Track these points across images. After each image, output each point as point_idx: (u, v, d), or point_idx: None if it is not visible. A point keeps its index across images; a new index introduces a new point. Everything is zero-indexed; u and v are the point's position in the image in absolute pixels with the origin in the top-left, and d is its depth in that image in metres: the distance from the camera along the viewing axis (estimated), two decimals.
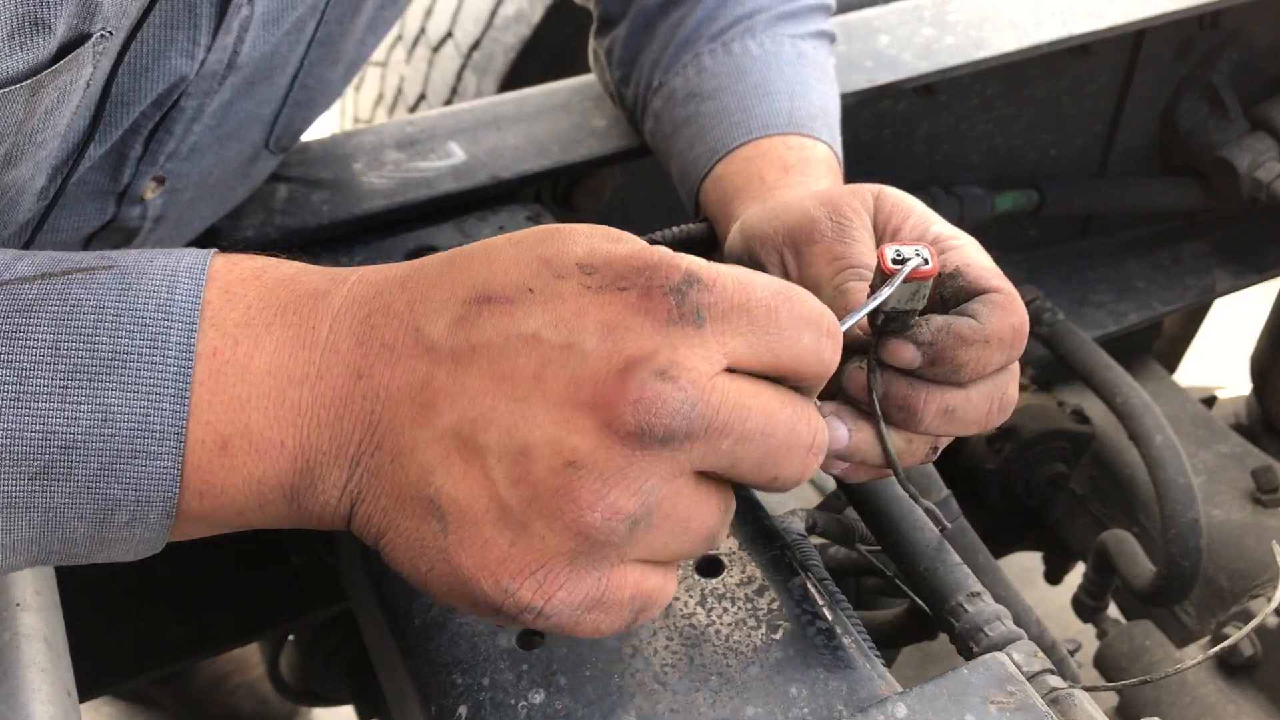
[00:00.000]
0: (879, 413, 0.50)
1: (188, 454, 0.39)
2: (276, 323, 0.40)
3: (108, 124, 0.53)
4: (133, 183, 0.59)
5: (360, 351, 0.39)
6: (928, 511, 0.57)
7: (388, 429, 0.39)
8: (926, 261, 0.46)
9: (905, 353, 0.49)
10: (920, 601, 0.61)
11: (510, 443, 0.38)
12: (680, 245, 0.65)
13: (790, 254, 0.57)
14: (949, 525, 0.59)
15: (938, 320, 0.50)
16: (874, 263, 0.53)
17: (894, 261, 0.46)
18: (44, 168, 0.51)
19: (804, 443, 0.40)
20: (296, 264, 0.42)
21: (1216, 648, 0.65)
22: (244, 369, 0.39)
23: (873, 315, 0.49)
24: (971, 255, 0.54)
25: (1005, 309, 0.51)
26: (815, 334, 0.40)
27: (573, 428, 0.37)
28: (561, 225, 0.41)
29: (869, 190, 0.57)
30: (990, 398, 0.52)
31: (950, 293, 0.53)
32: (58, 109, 0.46)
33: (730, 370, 0.39)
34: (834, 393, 0.51)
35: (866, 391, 0.50)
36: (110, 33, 0.45)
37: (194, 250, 0.41)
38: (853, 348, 0.50)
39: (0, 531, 0.39)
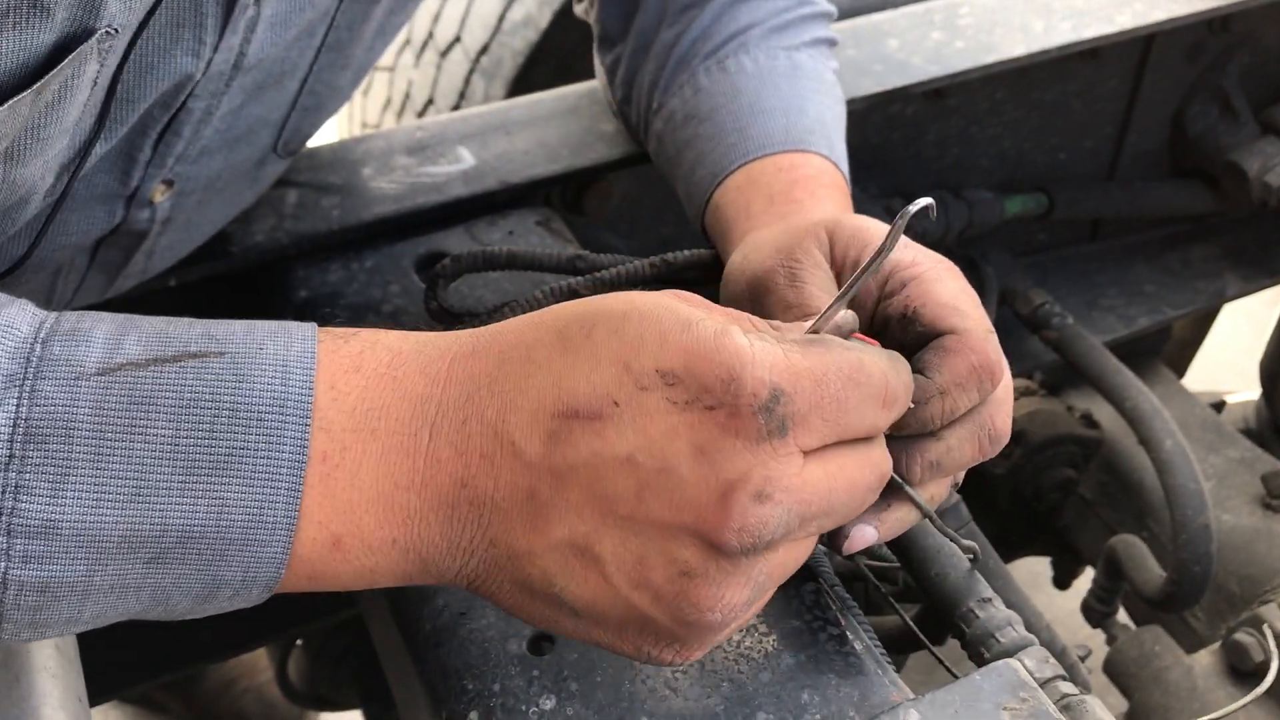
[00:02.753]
0: (900, 480, 0.50)
1: (298, 547, 0.40)
2: (381, 428, 0.41)
3: (113, 122, 0.53)
4: (141, 185, 0.59)
5: (461, 461, 0.41)
6: (966, 550, 0.57)
7: (500, 531, 0.41)
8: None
9: None
10: (913, 624, 0.61)
11: (625, 553, 0.40)
12: (689, 270, 0.65)
13: (755, 309, 0.55)
14: (980, 557, 0.58)
15: None
16: (827, 302, 0.50)
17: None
18: (53, 166, 0.51)
19: (875, 488, 0.44)
20: (390, 343, 0.43)
21: (1251, 696, 0.64)
22: (353, 474, 0.41)
23: None
24: (929, 289, 0.52)
25: (959, 353, 0.49)
26: (876, 408, 0.43)
27: (680, 544, 0.40)
28: (629, 305, 0.42)
29: (823, 226, 0.56)
30: (973, 437, 0.51)
31: (911, 339, 0.51)
32: (61, 105, 0.46)
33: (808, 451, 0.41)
34: None
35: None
36: (115, 30, 0.44)
37: (299, 329, 0.43)
38: None
39: (106, 606, 0.40)
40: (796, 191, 0.63)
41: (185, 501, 0.39)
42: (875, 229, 0.55)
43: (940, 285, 0.52)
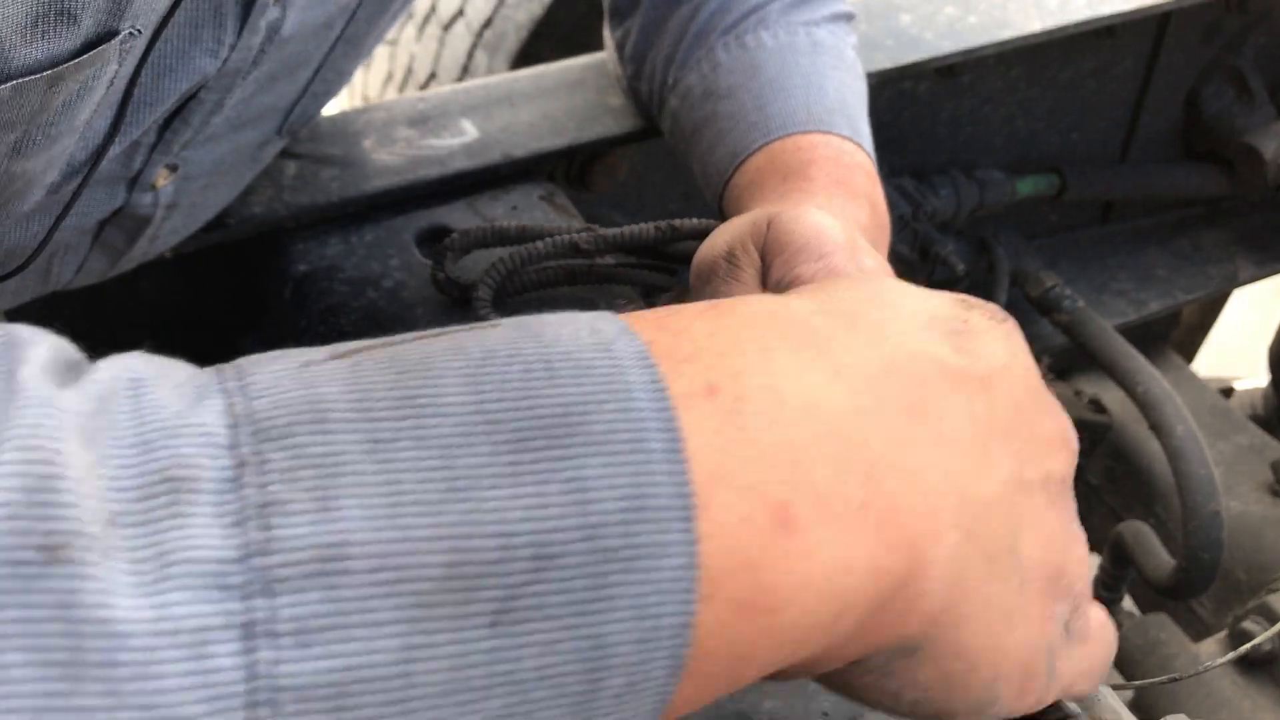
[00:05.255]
0: None
1: (716, 538, 0.25)
2: (779, 347, 0.28)
3: (128, 125, 0.51)
4: (144, 170, 0.58)
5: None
6: None
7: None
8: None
9: None
10: None
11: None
12: (694, 238, 0.64)
13: (700, 292, 0.53)
14: None
15: None
16: None
17: None
18: (57, 163, 0.49)
19: None
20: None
21: (1242, 648, 0.64)
22: (775, 403, 0.26)
23: None
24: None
25: None
26: None
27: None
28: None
29: (766, 218, 0.51)
30: None
31: None
32: (76, 103, 0.44)
33: None
34: None
35: None
36: (138, 31, 0.43)
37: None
38: None
39: None
40: (812, 170, 0.61)
41: (521, 492, 0.24)
42: (801, 226, 0.50)
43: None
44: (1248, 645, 0.74)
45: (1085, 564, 0.33)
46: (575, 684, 0.24)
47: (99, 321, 0.78)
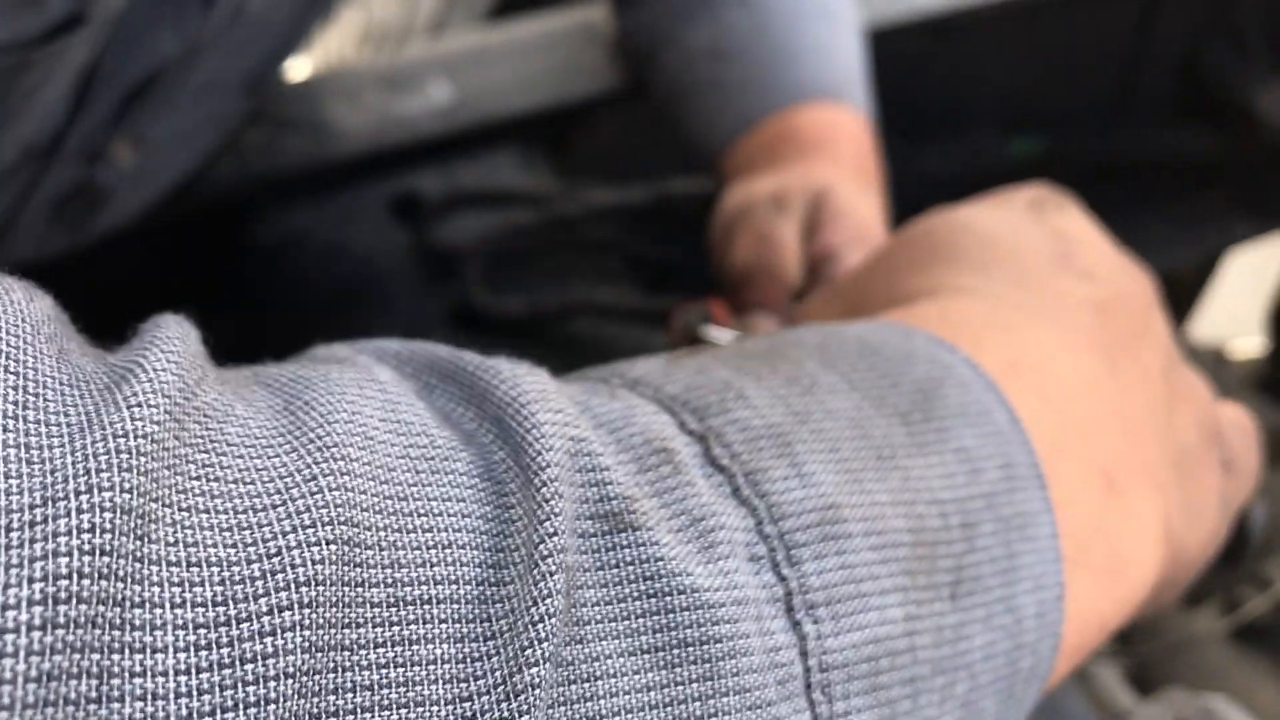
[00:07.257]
0: None
1: (1066, 505, 0.25)
2: (1024, 325, 0.29)
3: (90, 105, 0.49)
4: (106, 145, 0.56)
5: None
6: None
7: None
8: None
9: None
10: None
11: None
12: (689, 202, 0.62)
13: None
14: None
15: None
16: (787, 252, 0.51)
17: None
18: (17, 144, 0.47)
19: None
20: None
21: (1233, 614, 0.62)
22: (1062, 378, 0.27)
23: None
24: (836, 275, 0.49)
25: None
26: None
27: None
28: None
29: (816, 185, 0.54)
30: None
31: None
32: (42, 89, 0.42)
33: None
34: None
35: None
36: (104, 20, 0.42)
37: None
38: None
39: None
40: (838, 147, 0.61)
41: (933, 465, 0.24)
42: (854, 209, 0.53)
43: (843, 267, 0.50)
44: (1237, 611, 0.73)
45: (1205, 391, 0.33)
46: (1003, 666, 0.23)
47: (57, 300, 0.75)
